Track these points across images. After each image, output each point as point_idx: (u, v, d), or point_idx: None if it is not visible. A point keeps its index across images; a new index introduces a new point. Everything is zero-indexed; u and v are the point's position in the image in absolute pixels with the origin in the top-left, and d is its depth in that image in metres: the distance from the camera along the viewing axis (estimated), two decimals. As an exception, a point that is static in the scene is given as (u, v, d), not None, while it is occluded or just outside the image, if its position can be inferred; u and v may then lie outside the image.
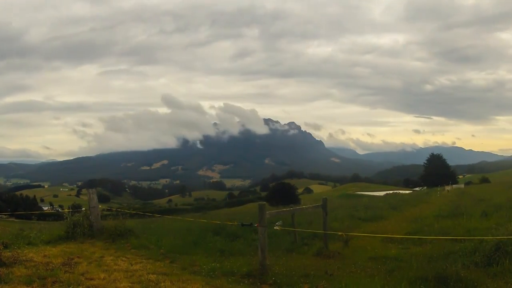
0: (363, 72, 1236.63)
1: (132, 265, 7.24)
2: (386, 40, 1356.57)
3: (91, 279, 6.04)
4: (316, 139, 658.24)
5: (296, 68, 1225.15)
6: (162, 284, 5.97)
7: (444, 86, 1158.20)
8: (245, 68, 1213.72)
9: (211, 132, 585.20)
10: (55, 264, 6.81)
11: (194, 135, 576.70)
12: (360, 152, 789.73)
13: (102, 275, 6.26)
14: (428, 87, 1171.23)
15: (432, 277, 6.24)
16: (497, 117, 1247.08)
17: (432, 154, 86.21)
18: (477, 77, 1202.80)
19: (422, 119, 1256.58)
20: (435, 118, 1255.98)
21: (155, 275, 6.46)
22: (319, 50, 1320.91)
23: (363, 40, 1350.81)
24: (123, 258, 7.76)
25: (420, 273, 6.55)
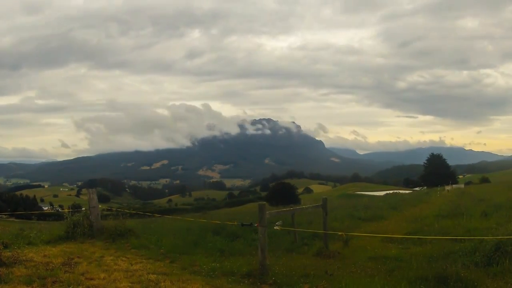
0: (330, 70, 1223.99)
1: (132, 265, 7.24)
2: (338, 36, 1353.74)
3: (91, 279, 6.04)
4: (316, 139, 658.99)
5: (254, 67, 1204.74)
6: (162, 284, 5.97)
7: (418, 83, 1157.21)
8: (198, 69, 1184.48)
9: (211, 132, 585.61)
10: (55, 264, 6.81)
11: (194, 135, 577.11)
12: (360, 152, 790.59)
13: (102, 275, 6.26)
14: (401, 84, 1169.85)
15: (432, 277, 6.24)
16: (493, 117, 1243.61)
17: (432, 154, 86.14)
18: (449, 73, 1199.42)
19: (412, 119, 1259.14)
20: (429, 117, 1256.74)
21: (155, 275, 6.46)
22: (273, 47, 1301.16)
23: (314, 37, 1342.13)
24: (123, 258, 7.76)
25: (420, 273, 6.56)
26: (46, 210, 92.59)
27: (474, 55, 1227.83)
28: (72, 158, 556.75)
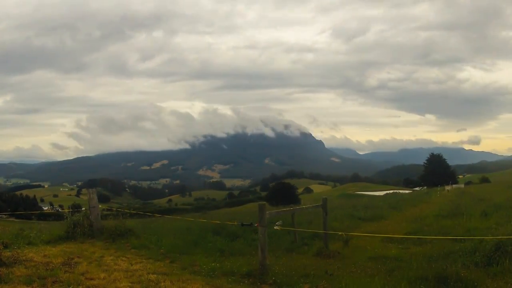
0: (295, 69, 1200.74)
1: (132, 265, 7.24)
2: (286, 33, 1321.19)
3: (91, 279, 6.04)
4: (316, 139, 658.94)
5: (212, 67, 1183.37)
6: (162, 284, 5.97)
7: (391, 80, 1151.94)
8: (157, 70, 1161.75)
9: (212, 132, 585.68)
10: (55, 264, 6.81)
11: (194, 135, 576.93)
12: (360, 152, 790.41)
13: (102, 275, 6.26)
14: (372, 81, 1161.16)
15: (432, 277, 6.24)
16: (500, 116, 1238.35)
17: (432, 154, 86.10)
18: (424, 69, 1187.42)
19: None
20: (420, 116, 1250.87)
21: (155, 275, 6.46)
22: (226, 48, 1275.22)
23: (262, 35, 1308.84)
24: (123, 258, 7.76)
25: (420, 273, 6.56)
26: (46, 210, 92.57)
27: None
28: (72, 158, 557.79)
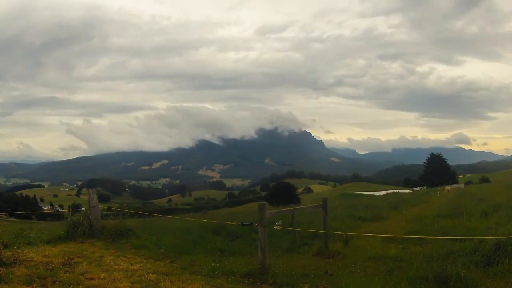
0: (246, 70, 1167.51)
1: (132, 264, 7.24)
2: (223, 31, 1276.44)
3: (91, 278, 6.04)
4: (316, 139, 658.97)
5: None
6: (162, 283, 5.97)
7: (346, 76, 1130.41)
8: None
9: (212, 132, 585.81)
10: (55, 263, 6.80)
11: (194, 135, 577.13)
12: (360, 152, 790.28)
13: (102, 275, 6.26)
14: (330, 79, 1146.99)
15: (432, 277, 6.24)
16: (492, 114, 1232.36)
17: (432, 154, 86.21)
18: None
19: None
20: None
21: (155, 275, 6.46)
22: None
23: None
24: (123, 258, 7.76)
25: (420, 272, 6.55)
26: (46, 210, 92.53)
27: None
28: (72, 158, 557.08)
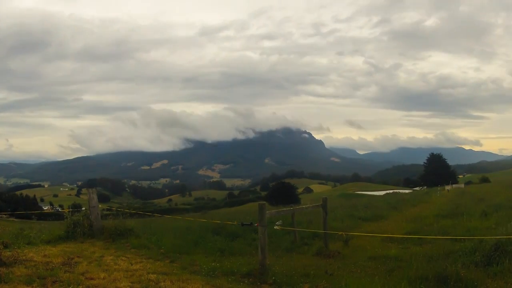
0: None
1: (132, 264, 7.24)
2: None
3: (91, 278, 6.04)
4: (316, 138, 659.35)
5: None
6: (162, 283, 5.97)
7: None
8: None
9: (212, 132, 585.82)
10: (55, 263, 6.81)
11: (194, 135, 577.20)
12: (360, 152, 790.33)
13: (102, 275, 6.26)
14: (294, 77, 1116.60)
15: (432, 277, 6.24)
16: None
17: (432, 153, 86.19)
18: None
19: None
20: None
21: (155, 275, 6.46)
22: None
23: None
24: (123, 258, 7.76)
25: (420, 272, 6.55)
26: (46, 210, 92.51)
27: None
28: (72, 158, 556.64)
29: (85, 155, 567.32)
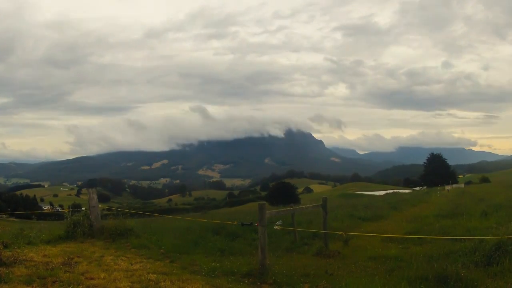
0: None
1: (132, 264, 7.24)
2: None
3: (91, 278, 6.04)
4: (316, 138, 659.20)
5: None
6: (162, 283, 5.97)
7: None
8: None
9: (211, 132, 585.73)
10: (55, 263, 6.80)
11: (194, 135, 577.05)
12: (360, 152, 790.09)
13: (102, 275, 6.26)
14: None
15: (432, 277, 6.23)
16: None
17: (432, 153, 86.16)
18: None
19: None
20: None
21: (155, 275, 6.46)
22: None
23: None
24: (123, 258, 7.76)
25: (420, 272, 6.55)
26: (46, 209, 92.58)
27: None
28: (72, 158, 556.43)
29: (85, 155, 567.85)
